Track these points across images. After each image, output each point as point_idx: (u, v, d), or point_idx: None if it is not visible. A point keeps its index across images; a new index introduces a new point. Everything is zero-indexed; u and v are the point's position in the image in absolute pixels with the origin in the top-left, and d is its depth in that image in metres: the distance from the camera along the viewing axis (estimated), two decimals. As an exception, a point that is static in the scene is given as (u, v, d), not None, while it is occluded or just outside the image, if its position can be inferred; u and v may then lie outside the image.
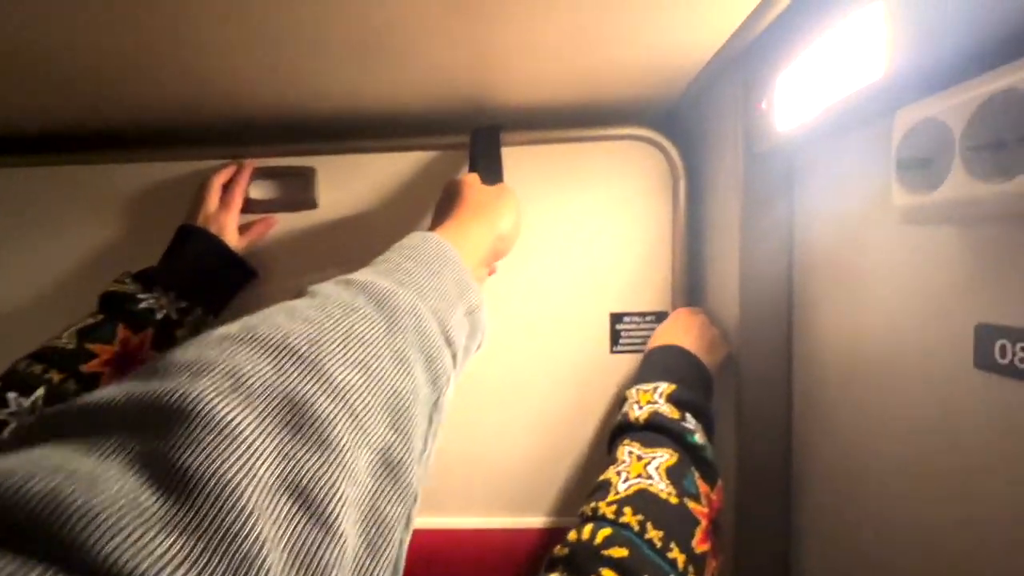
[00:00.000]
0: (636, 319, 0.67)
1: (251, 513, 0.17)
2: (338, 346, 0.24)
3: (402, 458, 0.24)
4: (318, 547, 0.19)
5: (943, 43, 0.27)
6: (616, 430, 0.49)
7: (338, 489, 0.20)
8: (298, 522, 0.18)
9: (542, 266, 0.67)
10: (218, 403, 0.18)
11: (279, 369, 0.21)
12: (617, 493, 0.39)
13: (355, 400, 0.22)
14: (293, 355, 0.22)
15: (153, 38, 0.43)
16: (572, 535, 0.38)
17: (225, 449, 0.17)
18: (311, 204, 0.66)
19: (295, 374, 0.21)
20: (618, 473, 0.41)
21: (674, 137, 0.63)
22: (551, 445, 0.68)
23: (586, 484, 0.67)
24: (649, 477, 0.40)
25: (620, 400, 0.51)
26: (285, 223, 0.67)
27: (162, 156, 0.67)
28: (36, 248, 0.68)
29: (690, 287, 0.66)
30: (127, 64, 0.48)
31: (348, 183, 0.67)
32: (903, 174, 0.30)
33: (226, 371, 0.20)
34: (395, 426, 0.24)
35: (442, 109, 0.63)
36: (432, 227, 0.47)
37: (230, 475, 0.17)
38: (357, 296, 0.28)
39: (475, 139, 0.61)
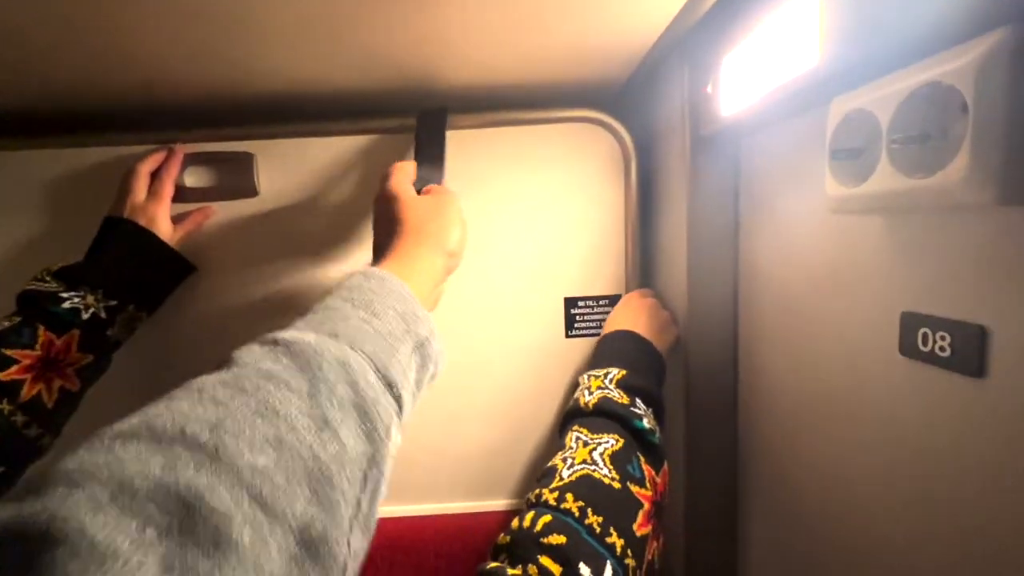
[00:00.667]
0: (591, 303, 0.67)
1: None
2: (246, 425, 0.23)
3: (325, 531, 0.23)
4: None
5: (876, 33, 0.27)
6: (567, 416, 0.49)
7: None
8: None
9: (495, 252, 0.65)
10: (90, 521, 0.17)
11: (170, 465, 0.20)
12: (561, 479, 0.40)
13: (261, 484, 0.21)
14: (190, 445, 0.21)
15: (70, 11, 0.39)
16: (515, 523, 0.38)
17: (96, 570, 0.16)
18: (251, 191, 0.63)
19: (190, 467, 0.20)
20: (564, 459, 0.42)
21: (624, 120, 0.63)
22: (509, 429, 0.68)
23: (542, 466, 0.68)
24: (594, 463, 0.41)
25: (574, 386, 0.51)
26: (225, 212, 0.63)
27: (86, 141, 0.61)
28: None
29: (644, 270, 0.66)
30: (43, 40, 0.43)
31: (290, 168, 0.63)
32: (835, 165, 0.30)
33: (107, 478, 0.19)
34: (317, 498, 0.23)
35: (386, 91, 0.60)
36: (375, 257, 0.45)
37: None
38: (279, 358, 0.27)
39: (421, 122, 0.58)
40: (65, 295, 0.51)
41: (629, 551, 0.37)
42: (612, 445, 0.42)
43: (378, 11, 0.40)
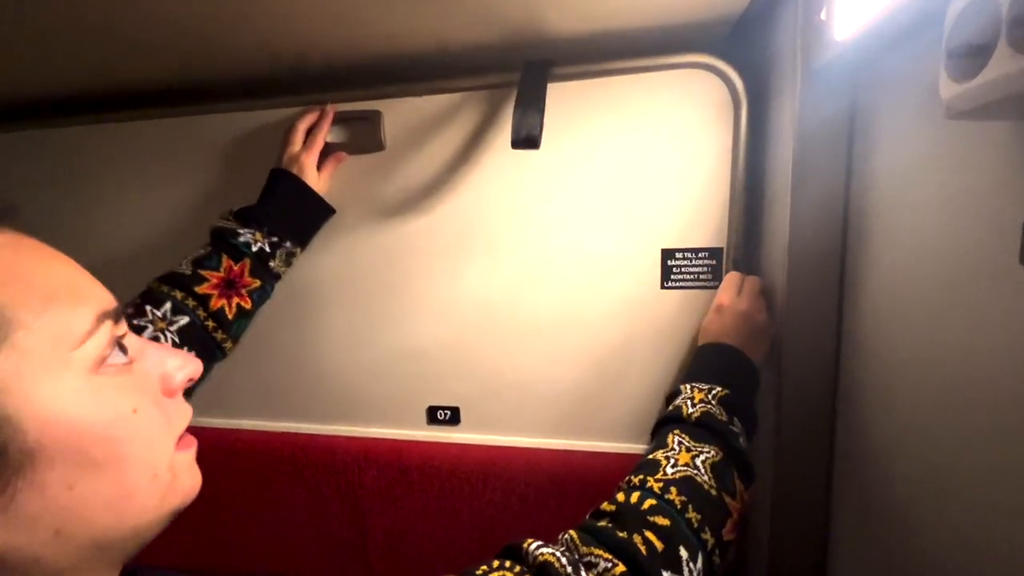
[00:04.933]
0: (688, 255, 0.68)
1: None
2: None
3: None
4: None
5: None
6: (667, 419, 0.52)
7: None
8: None
9: (596, 202, 0.69)
10: None
11: None
12: (666, 474, 0.45)
13: None
14: None
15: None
16: (620, 496, 0.43)
17: None
18: (379, 146, 0.73)
19: None
20: (666, 457, 0.46)
21: (734, 63, 0.62)
22: (601, 375, 0.72)
23: (632, 414, 0.71)
24: (696, 468, 0.45)
25: (672, 392, 0.55)
26: (357, 164, 0.74)
27: (244, 107, 0.75)
28: (151, 195, 0.80)
29: (747, 224, 0.65)
30: (213, 24, 0.55)
31: (411, 124, 0.72)
32: (950, 63, 0.30)
33: None
34: None
35: (496, 46, 0.65)
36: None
37: None
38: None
39: (524, 73, 0.63)
40: (240, 231, 0.65)
41: (717, 551, 0.42)
42: (712, 456, 0.46)
43: None
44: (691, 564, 0.40)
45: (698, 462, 0.45)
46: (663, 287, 0.69)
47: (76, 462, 0.26)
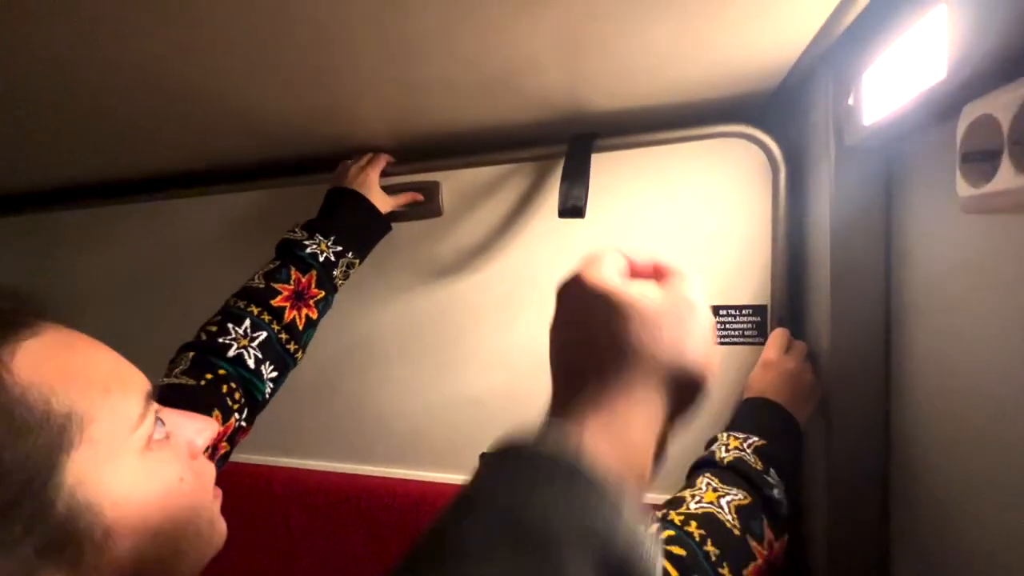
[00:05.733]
0: (734, 312, 0.70)
1: None
2: None
3: None
4: None
5: (996, 47, 0.30)
6: (699, 463, 0.53)
7: None
8: None
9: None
10: None
11: None
12: (688, 509, 0.44)
13: None
14: None
15: (340, 102, 0.59)
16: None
17: None
18: (437, 212, 0.80)
19: None
20: (692, 495, 0.46)
21: (771, 132, 0.66)
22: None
23: (682, 465, 0.72)
24: (720, 507, 0.44)
25: (710, 440, 0.56)
26: (417, 228, 0.82)
27: (301, 181, 0.85)
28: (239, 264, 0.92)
29: (790, 282, 0.67)
30: (318, 117, 0.65)
31: (466, 193, 0.80)
32: (965, 167, 0.33)
33: None
34: None
35: (544, 122, 0.72)
36: (565, 388, 0.28)
37: None
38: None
39: (571, 146, 0.69)
40: (307, 242, 0.68)
41: None
42: (740, 499, 0.46)
43: (550, 63, 0.52)
44: None
45: (723, 502, 0.45)
46: (710, 342, 0.71)
47: (141, 533, 0.30)
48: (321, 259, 0.69)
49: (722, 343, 0.71)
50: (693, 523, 0.43)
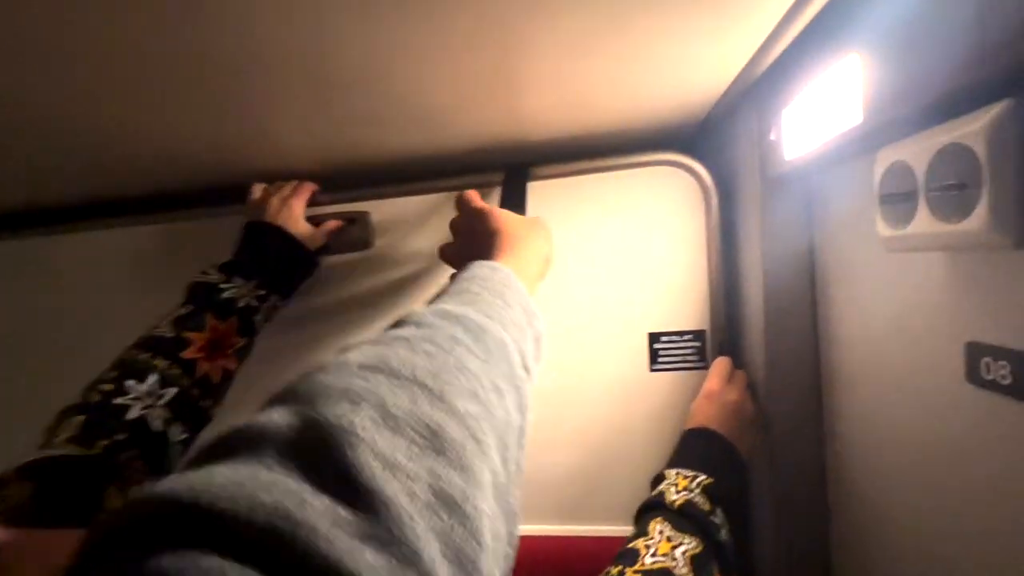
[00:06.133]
0: (674, 338, 0.71)
1: (422, 530, 0.19)
2: (453, 377, 0.26)
3: (506, 482, 0.26)
4: (475, 555, 0.21)
5: (908, 96, 0.32)
6: (650, 505, 0.53)
7: (480, 505, 0.22)
8: (459, 531, 0.21)
9: (582, 290, 0.73)
10: (376, 434, 0.21)
11: (414, 399, 0.24)
12: (644, 564, 0.45)
13: (476, 428, 0.25)
14: (422, 386, 0.25)
15: (261, 131, 0.54)
16: None
17: (390, 474, 0.20)
18: (367, 245, 0.76)
19: (427, 404, 0.24)
20: (647, 546, 0.47)
21: (703, 160, 0.68)
22: (595, 457, 0.73)
23: (626, 494, 0.72)
24: (675, 559, 0.45)
25: (658, 477, 0.56)
26: (345, 261, 0.77)
27: (227, 212, 0.78)
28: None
29: (728, 305, 0.69)
30: (235, 145, 0.60)
31: (397, 223, 0.76)
32: (884, 208, 0.34)
33: (375, 403, 0.23)
34: (500, 452, 0.27)
35: (479, 152, 0.71)
36: (467, 252, 0.50)
37: (400, 498, 0.20)
38: (456, 328, 0.30)
39: (507, 177, 0.68)
40: (225, 285, 0.62)
41: None
42: (693, 547, 0.47)
43: (481, 102, 0.51)
44: None
45: (678, 553, 0.46)
46: (651, 369, 0.72)
47: None
48: (241, 304, 0.62)
49: (664, 369, 0.71)
50: None
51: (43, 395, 0.52)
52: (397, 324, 0.31)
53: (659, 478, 0.55)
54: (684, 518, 0.49)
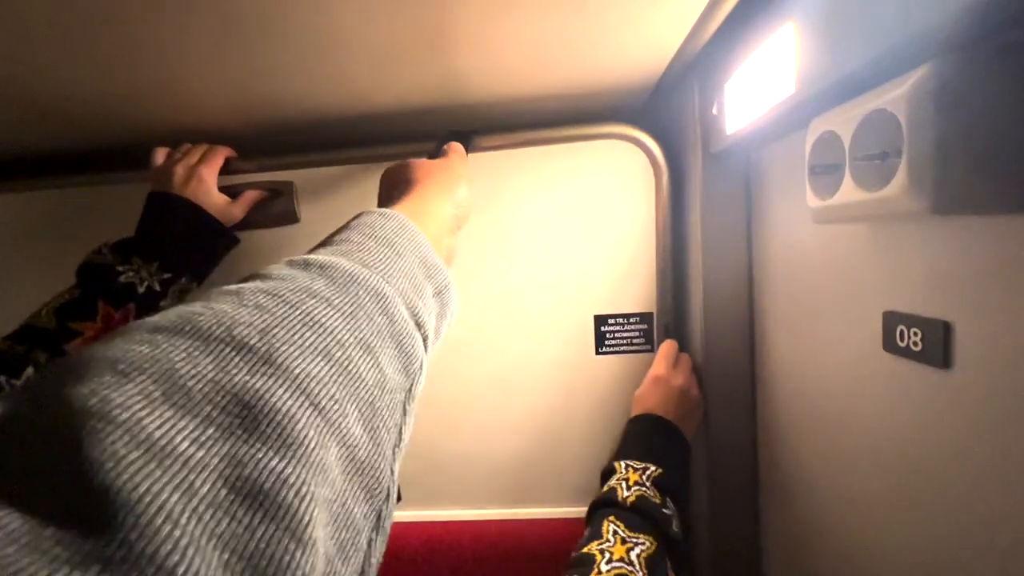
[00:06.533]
0: (621, 320, 0.74)
1: (190, 538, 0.16)
2: (295, 334, 0.23)
3: (370, 455, 0.24)
4: (290, 556, 0.18)
5: (836, 65, 0.34)
6: (602, 502, 0.55)
7: (307, 491, 0.20)
8: (262, 531, 0.18)
9: (526, 270, 0.74)
10: (146, 415, 0.18)
11: (222, 366, 0.20)
12: (600, 572, 0.46)
13: (319, 391, 0.22)
14: (240, 348, 0.21)
15: (172, 81, 0.51)
16: None
17: (154, 466, 0.17)
18: (292, 218, 0.74)
19: (243, 370, 0.21)
20: (601, 551, 0.48)
21: (652, 133, 0.70)
22: (541, 441, 0.76)
23: (573, 477, 0.75)
24: (631, 563, 0.47)
25: (608, 470, 0.58)
26: (269, 238, 0.75)
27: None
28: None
29: (675, 287, 0.72)
30: (139, 97, 0.56)
31: (327, 195, 0.75)
32: (813, 179, 0.37)
33: (159, 374, 0.19)
34: (363, 420, 0.24)
35: (416, 117, 0.70)
36: (383, 205, 0.47)
37: (160, 497, 0.16)
38: (316, 278, 0.27)
39: (445, 142, 0.66)
40: (121, 268, 0.58)
41: None
42: (647, 548, 0.49)
43: (409, 54, 0.51)
44: None
45: (633, 556, 0.48)
46: (598, 352, 0.74)
47: None
48: (141, 289, 0.59)
49: (610, 352, 0.74)
50: None
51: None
52: (242, 280, 0.27)
53: (609, 471, 0.58)
54: (637, 515, 0.51)
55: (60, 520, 0.15)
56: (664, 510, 0.52)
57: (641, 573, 0.47)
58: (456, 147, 0.59)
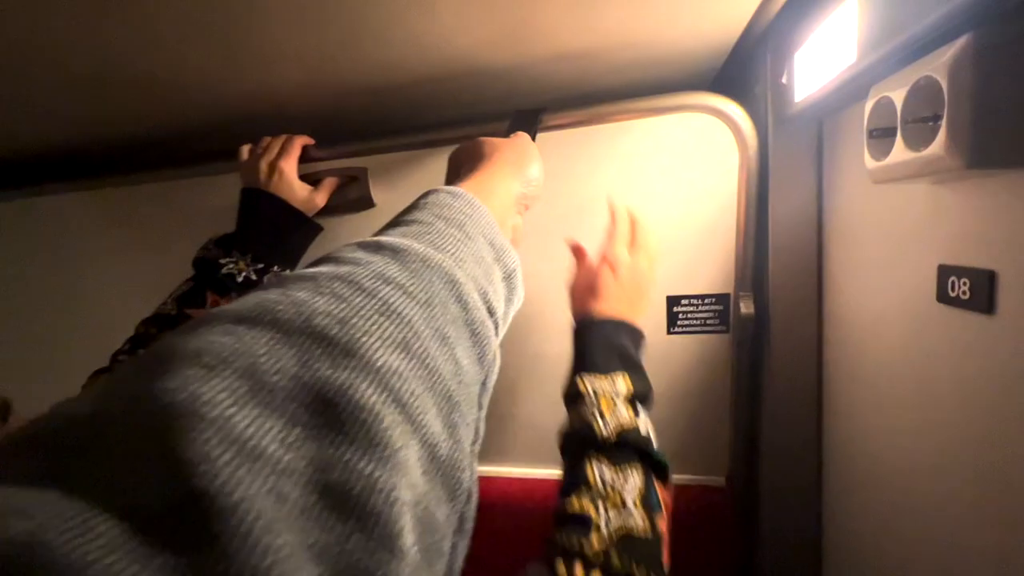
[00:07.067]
0: (694, 301, 0.79)
1: (288, 551, 0.17)
2: (373, 324, 0.23)
3: (451, 452, 0.24)
4: (383, 571, 0.19)
5: (894, 34, 0.39)
6: (581, 441, 0.54)
7: (396, 496, 0.20)
8: (354, 542, 0.18)
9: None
10: (234, 412, 0.18)
11: (304, 360, 0.21)
12: (601, 535, 0.47)
13: (400, 388, 0.22)
14: (321, 341, 0.22)
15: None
16: (561, 570, 0.45)
17: (246, 470, 0.17)
18: (369, 203, 0.85)
19: (326, 363, 0.21)
20: (595, 506, 0.49)
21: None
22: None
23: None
24: (628, 512, 0.48)
25: (573, 392, 0.58)
26: (346, 225, 0.86)
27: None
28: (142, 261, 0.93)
29: (757, 268, 0.73)
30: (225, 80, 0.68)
31: (401, 180, 0.85)
32: (871, 142, 0.42)
33: (243, 369, 0.20)
34: (441, 415, 0.24)
35: (488, 86, 0.75)
36: (449, 182, 0.50)
37: (257, 503, 0.17)
38: (389, 263, 0.27)
39: (514, 121, 0.71)
40: (223, 260, 0.69)
41: None
42: (639, 485, 0.50)
43: (491, 47, 0.58)
44: None
45: (629, 503, 0.49)
46: (669, 332, 0.80)
47: None
48: (240, 279, 0.69)
49: (679, 333, 0.79)
50: (614, 553, 0.46)
51: (47, 355, 0.62)
52: (314, 263, 0.28)
53: (576, 395, 0.58)
54: (620, 448, 0.52)
55: (157, 525, 0.16)
56: (641, 432, 0.53)
57: (640, 518, 0.48)
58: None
